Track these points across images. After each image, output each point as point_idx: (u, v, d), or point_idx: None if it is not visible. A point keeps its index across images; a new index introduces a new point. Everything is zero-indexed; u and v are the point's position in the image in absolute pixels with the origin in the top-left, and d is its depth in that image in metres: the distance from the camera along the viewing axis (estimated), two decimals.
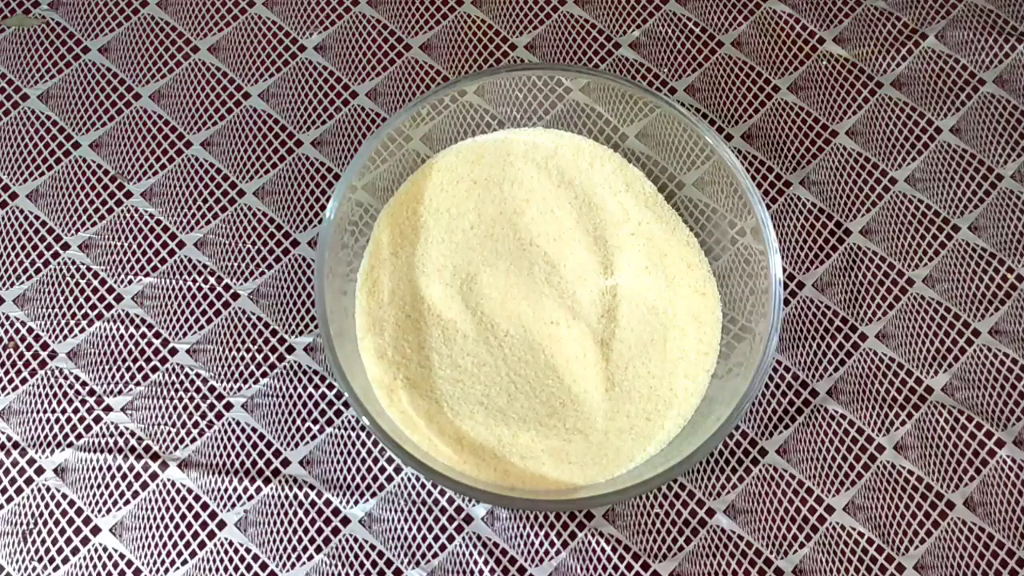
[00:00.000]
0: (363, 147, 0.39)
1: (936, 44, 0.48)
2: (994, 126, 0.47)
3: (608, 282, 0.41)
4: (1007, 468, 0.41)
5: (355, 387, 0.35)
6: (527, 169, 0.42)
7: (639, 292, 0.41)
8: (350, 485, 0.39)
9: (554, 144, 0.43)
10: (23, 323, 0.41)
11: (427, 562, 0.38)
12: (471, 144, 0.42)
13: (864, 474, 0.40)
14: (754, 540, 0.39)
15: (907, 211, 0.45)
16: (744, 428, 0.41)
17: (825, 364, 0.42)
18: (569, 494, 0.37)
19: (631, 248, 0.41)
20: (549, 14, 0.48)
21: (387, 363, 0.38)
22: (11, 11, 0.47)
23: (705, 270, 0.41)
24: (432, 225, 0.41)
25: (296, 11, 0.48)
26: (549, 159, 0.42)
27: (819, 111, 0.47)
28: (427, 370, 0.39)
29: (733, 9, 0.49)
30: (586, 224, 0.41)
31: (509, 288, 0.40)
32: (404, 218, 0.41)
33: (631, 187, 0.42)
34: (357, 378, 0.36)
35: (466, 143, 0.42)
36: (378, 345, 0.39)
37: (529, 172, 0.42)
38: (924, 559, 0.39)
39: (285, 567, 0.38)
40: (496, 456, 0.38)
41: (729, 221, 0.40)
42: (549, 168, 0.42)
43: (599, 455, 0.38)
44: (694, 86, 0.47)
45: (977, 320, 0.43)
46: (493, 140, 0.43)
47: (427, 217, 0.41)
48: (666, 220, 0.42)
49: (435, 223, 0.41)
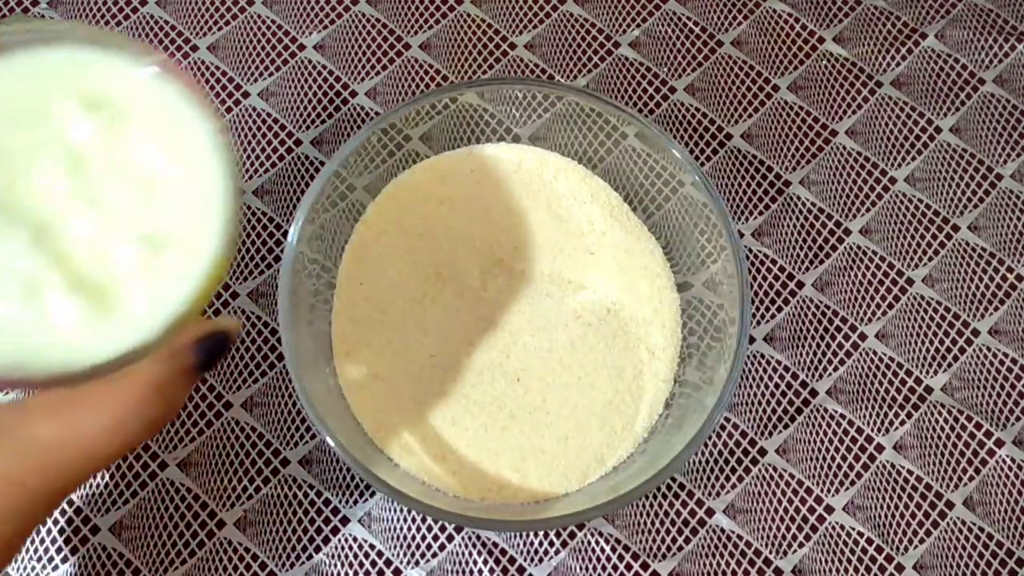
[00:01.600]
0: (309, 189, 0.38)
1: (936, 43, 0.48)
2: (994, 126, 0.47)
3: (573, 291, 0.41)
4: (1006, 468, 0.41)
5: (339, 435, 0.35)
6: (492, 183, 0.42)
7: (604, 299, 0.41)
8: (349, 484, 0.39)
9: (518, 157, 0.43)
10: None
11: (426, 561, 0.38)
12: (433, 162, 0.42)
13: (863, 474, 0.40)
14: (753, 540, 0.39)
15: (907, 211, 0.45)
16: (743, 428, 0.41)
17: (825, 364, 0.42)
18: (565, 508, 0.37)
19: (596, 257, 0.41)
20: (549, 13, 0.48)
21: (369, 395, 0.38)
22: (10, 10, 0.47)
23: (668, 278, 0.41)
24: (400, 245, 0.41)
25: (295, 10, 0.48)
26: (514, 172, 0.42)
27: (819, 110, 0.47)
28: (399, 390, 0.39)
29: (733, 8, 0.49)
30: (550, 235, 0.41)
31: (476, 301, 0.40)
32: (370, 241, 0.41)
33: (596, 198, 0.42)
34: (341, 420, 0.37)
35: (430, 161, 0.42)
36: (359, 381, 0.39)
37: (494, 186, 0.42)
38: (923, 559, 0.39)
39: (284, 566, 0.38)
40: (482, 472, 0.38)
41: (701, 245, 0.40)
42: (514, 181, 0.42)
43: (576, 460, 0.38)
44: (694, 85, 0.47)
45: (977, 320, 0.43)
46: (458, 156, 0.43)
47: (395, 238, 0.41)
48: (631, 230, 0.42)
49: (403, 244, 0.41)
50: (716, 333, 0.38)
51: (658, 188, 0.41)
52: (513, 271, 0.41)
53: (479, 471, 0.38)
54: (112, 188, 0.21)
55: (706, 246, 0.39)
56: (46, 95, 0.21)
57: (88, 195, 0.21)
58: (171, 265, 0.21)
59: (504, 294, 0.41)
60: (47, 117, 0.21)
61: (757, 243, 0.44)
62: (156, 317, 0.21)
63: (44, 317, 0.20)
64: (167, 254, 0.21)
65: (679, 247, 0.42)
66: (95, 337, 0.20)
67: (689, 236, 0.41)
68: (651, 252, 0.42)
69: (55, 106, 0.21)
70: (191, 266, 0.21)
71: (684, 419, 0.37)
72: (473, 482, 0.38)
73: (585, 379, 0.39)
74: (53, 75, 0.21)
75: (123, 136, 0.22)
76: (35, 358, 0.20)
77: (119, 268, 0.21)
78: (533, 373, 0.39)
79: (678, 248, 0.42)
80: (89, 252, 0.21)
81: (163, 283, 0.21)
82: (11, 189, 0.21)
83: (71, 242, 0.21)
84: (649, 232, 0.42)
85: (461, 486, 0.37)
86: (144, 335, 0.20)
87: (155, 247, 0.21)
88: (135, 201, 0.21)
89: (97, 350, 0.20)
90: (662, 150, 0.40)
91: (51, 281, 0.20)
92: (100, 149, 0.21)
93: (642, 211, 0.42)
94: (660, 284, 0.41)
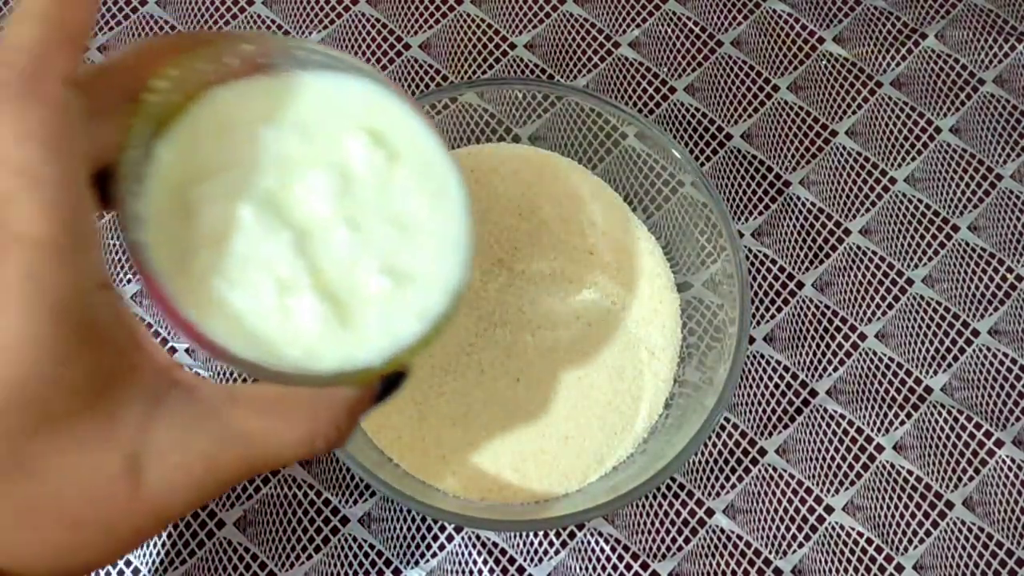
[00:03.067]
0: None
1: (936, 44, 0.48)
2: (994, 126, 0.47)
3: (573, 291, 0.41)
4: (1006, 468, 0.41)
5: None
6: (492, 183, 0.42)
7: (604, 299, 0.41)
8: (349, 484, 0.39)
9: (518, 157, 0.43)
10: None
11: (426, 562, 0.38)
12: None
13: (863, 474, 0.40)
14: (753, 540, 0.39)
15: (907, 211, 0.45)
16: (743, 428, 0.41)
17: (824, 364, 0.42)
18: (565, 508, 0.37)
19: (596, 257, 0.41)
20: (549, 13, 0.48)
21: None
22: (10, 10, 0.47)
23: (668, 278, 0.41)
24: None
25: (296, 10, 0.48)
26: (514, 173, 0.42)
27: (819, 111, 0.47)
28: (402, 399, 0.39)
29: (733, 8, 0.49)
30: (550, 235, 0.41)
31: (478, 302, 0.40)
32: None
33: (596, 198, 0.42)
34: None
35: None
36: None
37: (494, 186, 0.42)
38: (923, 559, 0.39)
39: (284, 566, 0.38)
40: (482, 472, 0.38)
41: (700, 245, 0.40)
42: (513, 181, 0.42)
43: (576, 460, 0.38)
44: (693, 85, 0.47)
45: (976, 320, 0.43)
46: (458, 156, 0.43)
47: None
48: (630, 230, 0.42)
49: None
50: (716, 333, 0.38)
51: (658, 188, 0.41)
52: (513, 271, 0.41)
53: (479, 471, 0.38)
54: (373, 217, 0.23)
55: (706, 246, 0.39)
56: (341, 119, 0.23)
57: (351, 217, 0.23)
58: (410, 301, 0.23)
59: (504, 294, 0.41)
60: (335, 139, 0.23)
61: (757, 243, 0.44)
62: (386, 346, 0.22)
63: (289, 317, 0.22)
64: (408, 290, 0.23)
65: (679, 247, 0.42)
66: (330, 347, 0.22)
67: (689, 236, 0.41)
68: (651, 252, 0.42)
69: (346, 132, 0.23)
70: (429, 306, 0.23)
71: (684, 419, 0.37)
72: (473, 482, 0.38)
73: (585, 379, 0.39)
74: (351, 103, 0.23)
75: (393, 174, 0.23)
76: (273, 353, 0.21)
77: (363, 291, 0.22)
78: (533, 373, 0.39)
79: (678, 248, 0.42)
80: (340, 269, 0.22)
81: (400, 316, 0.22)
82: (283, 191, 0.22)
83: (326, 255, 0.22)
84: (649, 232, 0.42)
85: (461, 486, 0.37)
86: (372, 358, 0.22)
87: (399, 281, 0.23)
88: (390, 234, 0.23)
89: (329, 360, 0.21)
90: (662, 150, 0.40)
91: (304, 284, 0.22)
92: (371, 180, 0.23)
93: (642, 211, 0.42)
94: (660, 284, 0.41)
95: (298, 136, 0.23)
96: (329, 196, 0.23)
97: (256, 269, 0.22)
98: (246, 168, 0.22)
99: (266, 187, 0.22)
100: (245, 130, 0.23)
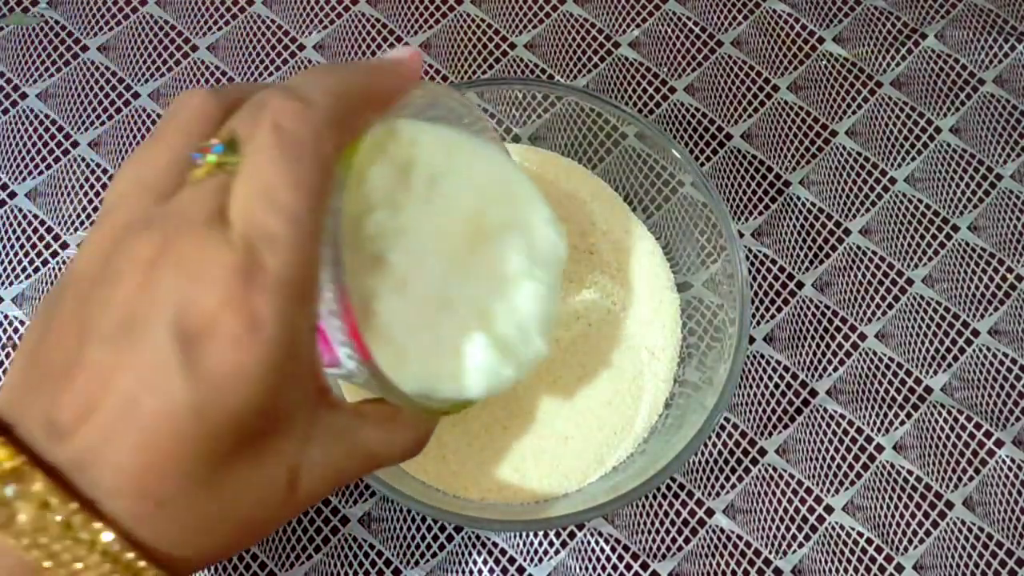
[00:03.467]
0: None
1: (936, 44, 0.48)
2: (994, 126, 0.47)
3: (574, 291, 0.41)
4: (1006, 468, 0.41)
5: None
6: None
7: (604, 299, 0.41)
8: (349, 484, 0.39)
9: (518, 157, 0.43)
10: (22, 322, 0.41)
11: (426, 561, 0.38)
12: None
13: (863, 474, 0.40)
14: (753, 540, 0.39)
15: (906, 211, 0.45)
16: (743, 428, 0.41)
17: (824, 364, 0.42)
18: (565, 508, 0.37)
19: (596, 257, 0.41)
20: (549, 13, 0.48)
21: None
22: (10, 9, 0.47)
23: (668, 278, 0.41)
24: None
25: (295, 10, 0.48)
26: None
27: (819, 111, 0.47)
28: None
29: (733, 8, 0.49)
30: None
31: None
32: None
33: (596, 197, 0.42)
34: None
35: None
36: None
37: None
38: (923, 559, 0.39)
39: (284, 566, 0.38)
40: (482, 472, 0.38)
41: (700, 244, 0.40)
42: None
43: (576, 460, 0.38)
44: (693, 85, 0.47)
45: (976, 320, 0.43)
46: None
47: None
48: (630, 230, 0.42)
49: None
50: (716, 333, 0.38)
51: (658, 188, 0.41)
52: None
53: (479, 471, 0.38)
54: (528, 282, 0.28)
55: (706, 246, 0.39)
56: (527, 202, 0.29)
57: (531, 276, 0.28)
58: (519, 354, 0.27)
59: None
60: (526, 213, 0.28)
61: (757, 243, 0.44)
62: (491, 387, 0.26)
63: (464, 348, 0.26)
64: (519, 346, 0.27)
65: (679, 247, 0.42)
66: (474, 382, 0.26)
67: (689, 236, 0.41)
68: (651, 252, 0.42)
69: (534, 211, 0.28)
70: (527, 361, 0.28)
71: (684, 419, 0.37)
72: (473, 482, 0.38)
73: (585, 379, 0.39)
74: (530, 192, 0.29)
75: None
76: (437, 380, 0.25)
77: (515, 345, 0.27)
78: (533, 373, 0.39)
79: (678, 248, 0.42)
80: (511, 321, 0.27)
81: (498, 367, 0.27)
82: (477, 247, 0.27)
83: (509, 304, 0.27)
84: (649, 232, 0.42)
85: (461, 486, 0.37)
86: (479, 395, 0.26)
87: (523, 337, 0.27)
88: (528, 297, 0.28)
89: (467, 392, 0.26)
90: (662, 150, 0.40)
91: (478, 333, 0.26)
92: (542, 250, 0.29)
93: (642, 211, 0.42)
94: (660, 284, 0.41)
95: (483, 197, 0.27)
96: (523, 259, 0.28)
97: (437, 312, 0.25)
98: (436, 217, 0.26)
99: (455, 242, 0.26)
100: (426, 172, 0.26)
